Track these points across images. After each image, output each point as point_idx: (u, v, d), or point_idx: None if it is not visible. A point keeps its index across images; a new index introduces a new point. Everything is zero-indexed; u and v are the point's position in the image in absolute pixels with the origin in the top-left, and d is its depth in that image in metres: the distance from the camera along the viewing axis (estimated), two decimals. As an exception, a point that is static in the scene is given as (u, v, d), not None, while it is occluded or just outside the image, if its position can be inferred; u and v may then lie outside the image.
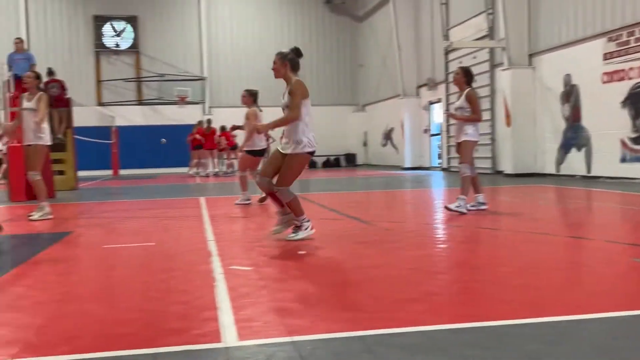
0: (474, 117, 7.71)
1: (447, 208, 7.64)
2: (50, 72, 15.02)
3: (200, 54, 28.31)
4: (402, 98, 23.38)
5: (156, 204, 10.69)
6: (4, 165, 19.11)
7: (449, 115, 7.99)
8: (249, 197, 9.75)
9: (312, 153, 5.68)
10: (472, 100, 7.66)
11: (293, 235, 5.70)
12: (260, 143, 9.79)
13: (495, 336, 2.78)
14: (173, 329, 3.01)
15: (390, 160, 25.85)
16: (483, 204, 7.86)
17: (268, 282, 4.01)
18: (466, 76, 7.83)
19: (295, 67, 5.71)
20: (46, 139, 8.46)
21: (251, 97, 9.99)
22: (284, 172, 5.59)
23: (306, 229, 5.75)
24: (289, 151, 5.58)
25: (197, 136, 21.86)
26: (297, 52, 5.76)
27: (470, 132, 7.73)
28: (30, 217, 8.21)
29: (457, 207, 7.51)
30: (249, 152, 9.74)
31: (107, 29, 27.48)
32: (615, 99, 12.52)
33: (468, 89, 7.74)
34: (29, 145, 8.43)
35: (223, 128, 21.76)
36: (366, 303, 3.41)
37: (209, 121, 22.53)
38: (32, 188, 8.68)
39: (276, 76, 5.76)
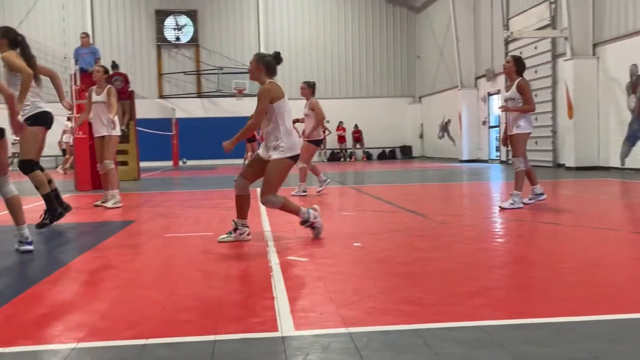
0: (527, 107, 7.47)
1: (501, 208, 7.40)
2: (115, 66, 15.47)
3: (257, 47, 28.57)
4: (459, 89, 23.03)
5: (215, 194, 10.90)
6: (71, 157, 19.85)
7: (504, 109, 7.70)
8: (305, 189, 9.83)
9: (294, 158, 5.35)
10: (524, 90, 7.40)
11: (225, 236, 5.43)
12: (320, 133, 9.99)
13: (555, 333, 2.73)
14: (231, 317, 3.08)
15: (446, 153, 25.53)
16: (541, 194, 7.64)
17: (324, 274, 4.04)
18: (517, 65, 7.56)
19: (270, 71, 5.45)
20: (117, 129, 8.87)
21: (310, 89, 10.06)
22: (268, 180, 5.29)
23: (241, 234, 5.44)
24: (272, 157, 5.27)
25: None
26: (276, 57, 5.52)
27: (522, 125, 7.50)
28: (104, 205, 8.63)
29: (512, 204, 7.33)
30: (312, 142, 9.85)
31: (168, 22, 28.09)
32: (686, 89, 11.99)
33: (519, 79, 7.49)
34: (102, 136, 8.80)
35: None
36: (423, 296, 3.40)
37: None
38: (102, 177, 9.05)
39: (250, 78, 5.58)
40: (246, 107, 27.19)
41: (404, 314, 3.06)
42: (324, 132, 23.45)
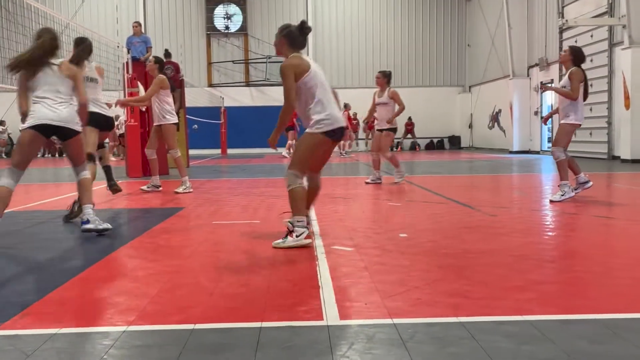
0: (567, 92, 7.20)
1: (552, 201, 7.23)
2: (167, 54, 15.75)
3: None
4: (511, 79, 22.57)
5: (262, 182, 10.99)
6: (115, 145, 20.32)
7: (542, 87, 7.50)
8: (380, 177, 10.16)
9: (329, 134, 4.71)
10: (572, 78, 7.16)
11: (280, 242, 4.68)
12: (395, 122, 10.23)
13: (606, 329, 2.65)
14: (277, 305, 3.10)
15: (496, 144, 25.09)
16: (586, 182, 7.43)
17: (369, 264, 4.03)
18: (572, 54, 7.31)
19: (294, 43, 4.90)
20: (170, 118, 9.21)
21: (385, 78, 10.26)
22: (293, 154, 4.86)
23: (298, 235, 4.62)
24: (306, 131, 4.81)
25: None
26: (301, 28, 4.93)
27: (571, 116, 7.28)
28: (176, 190, 9.03)
29: (562, 195, 7.15)
30: (390, 129, 10.07)
31: (218, 11, 28.37)
32: None
33: (573, 68, 7.25)
34: (159, 125, 9.21)
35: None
36: (470, 289, 3.35)
37: None
38: (149, 164, 9.42)
39: (277, 53, 5.04)
40: (294, 96, 27.33)
41: (450, 306, 3.03)
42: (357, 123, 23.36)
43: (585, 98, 7.33)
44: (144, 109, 12.89)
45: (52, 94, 5.16)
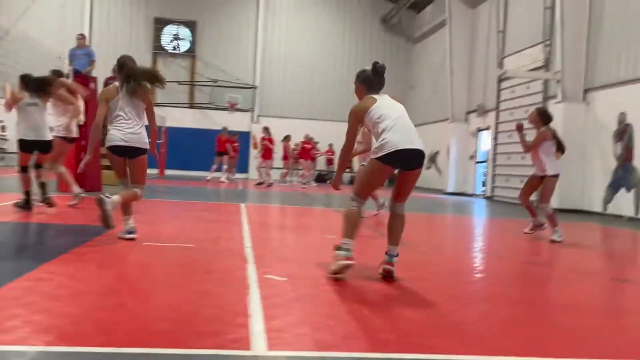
0: (525, 144, 8.43)
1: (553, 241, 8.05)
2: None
3: (253, 63, 28.72)
4: (450, 122, 23.22)
5: (198, 205, 10.83)
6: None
7: (518, 127, 8.51)
8: (383, 203, 10.09)
9: (382, 159, 4.60)
10: (537, 135, 8.32)
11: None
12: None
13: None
14: (205, 332, 3.04)
15: (432, 184, 25.65)
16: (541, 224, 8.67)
17: (301, 295, 4.02)
18: (540, 116, 8.52)
19: (371, 87, 4.97)
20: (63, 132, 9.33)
21: None
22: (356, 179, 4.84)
23: (338, 259, 4.60)
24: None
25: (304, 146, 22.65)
26: (374, 70, 5.01)
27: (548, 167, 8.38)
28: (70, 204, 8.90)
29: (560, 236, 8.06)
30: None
31: (167, 31, 28.17)
32: (672, 141, 12.18)
33: (543, 128, 8.40)
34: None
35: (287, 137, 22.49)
36: (400, 326, 3.38)
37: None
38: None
39: (358, 99, 5.07)
40: (238, 121, 27.29)
41: (379, 341, 3.04)
42: (314, 153, 23.54)
43: (561, 152, 8.66)
44: (81, 123, 12.56)
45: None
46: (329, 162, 28.22)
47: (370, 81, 4.98)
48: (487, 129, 21.31)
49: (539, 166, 8.44)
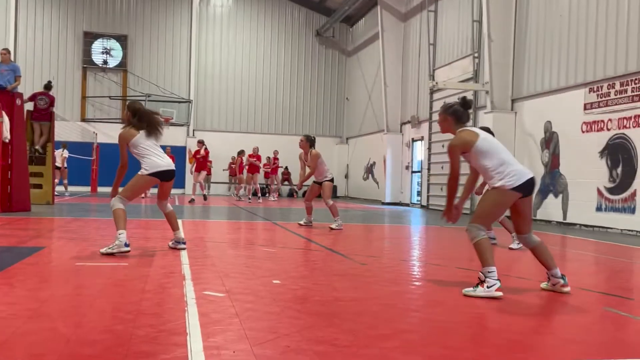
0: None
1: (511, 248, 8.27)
2: (48, 86, 15.14)
3: (187, 77, 28.41)
4: (385, 133, 23.59)
5: (132, 223, 10.57)
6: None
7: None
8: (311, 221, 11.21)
9: (517, 188, 4.84)
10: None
11: (470, 290, 4.82)
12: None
13: (465, 378, 2.77)
14: (140, 352, 2.96)
15: (370, 194, 25.95)
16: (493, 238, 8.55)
17: (240, 310, 3.97)
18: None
19: (460, 120, 5.10)
20: None
21: (308, 142, 11.59)
22: (477, 209, 5.04)
23: (489, 287, 4.71)
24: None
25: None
26: (464, 104, 5.14)
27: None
28: None
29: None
30: (329, 180, 11.56)
31: (96, 46, 27.51)
32: (594, 148, 12.76)
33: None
34: None
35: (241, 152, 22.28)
36: (338, 337, 3.39)
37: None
38: None
39: (442, 131, 5.29)
40: (172, 135, 26.85)
41: (318, 354, 3.03)
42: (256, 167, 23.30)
43: None
44: (7, 141, 12.11)
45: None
46: (267, 174, 28.14)
47: (460, 115, 5.14)
48: (421, 139, 21.77)
49: None
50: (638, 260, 8.09)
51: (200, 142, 20.16)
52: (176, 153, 22.56)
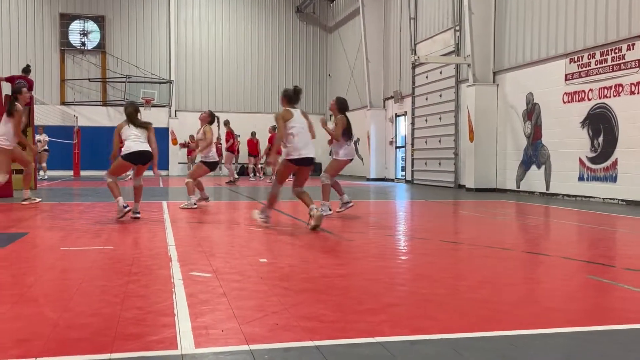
0: (332, 133, 9.37)
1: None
2: (26, 70, 14.91)
3: (167, 57, 28.08)
4: (368, 109, 23.56)
5: (116, 206, 10.50)
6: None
7: (322, 122, 9.93)
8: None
9: (293, 161, 7.37)
10: (337, 123, 9.30)
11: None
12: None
13: (452, 349, 2.81)
14: (129, 335, 2.96)
15: (355, 171, 25.97)
16: (348, 202, 9.28)
17: (228, 290, 3.98)
18: (338, 105, 9.41)
19: (290, 101, 7.63)
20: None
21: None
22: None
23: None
24: None
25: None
26: (294, 90, 7.71)
27: (340, 153, 9.38)
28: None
29: (322, 211, 8.26)
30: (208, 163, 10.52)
31: (73, 27, 27.07)
32: (575, 119, 12.85)
33: (339, 116, 9.24)
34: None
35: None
36: (326, 313, 3.41)
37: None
38: None
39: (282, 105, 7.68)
40: (154, 117, 26.61)
41: (306, 330, 3.06)
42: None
43: (348, 139, 9.44)
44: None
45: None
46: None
47: (290, 96, 7.60)
48: (404, 114, 21.77)
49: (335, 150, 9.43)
50: (620, 229, 8.21)
51: (227, 124, 20.35)
52: (158, 134, 22.40)
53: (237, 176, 20.30)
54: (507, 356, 2.73)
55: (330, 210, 8.96)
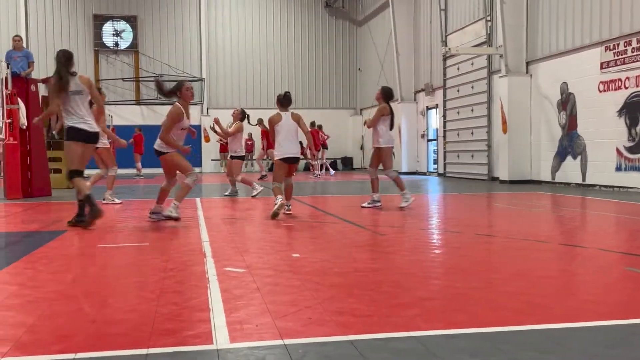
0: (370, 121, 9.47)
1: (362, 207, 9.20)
2: None
3: (199, 55, 28.33)
4: (399, 103, 23.40)
5: (150, 203, 10.65)
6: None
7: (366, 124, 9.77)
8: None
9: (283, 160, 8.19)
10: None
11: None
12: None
13: (488, 343, 2.78)
14: (165, 330, 3.01)
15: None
16: (378, 201, 9.39)
17: (261, 285, 4.01)
18: (383, 94, 9.40)
19: (281, 105, 8.43)
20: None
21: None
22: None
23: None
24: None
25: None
26: (283, 96, 8.44)
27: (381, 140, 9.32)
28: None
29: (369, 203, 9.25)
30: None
31: (107, 28, 27.50)
32: (612, 108, 12.57)
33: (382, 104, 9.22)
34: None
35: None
36: (359, 307, 3.41)
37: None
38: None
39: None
40: (186, 115, 26.91)
41: (340, 325, 3.06)
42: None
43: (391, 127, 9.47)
44: (24, 127, 12.21)
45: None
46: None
47: (280, 101, 8.41)
48: (436, 107, 21.59)
49: (375, 139, 9.40)
50: (659, 219, 8.01)
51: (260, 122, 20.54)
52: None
53: (265, 173, 20.49)
54: (545, 350, 2.69)
55: (411, 197, 9.39)
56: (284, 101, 8.39)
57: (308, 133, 8.64)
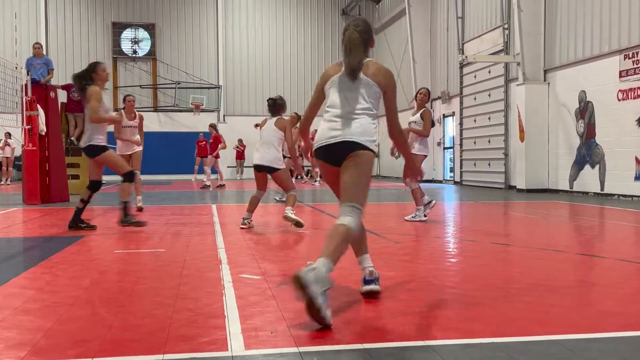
0: (420, 130, 8.89)
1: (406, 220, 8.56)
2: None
3: (216, 62, 28.53)
4: (416, 110, 23.35)
5: (167, 210, 10.73)
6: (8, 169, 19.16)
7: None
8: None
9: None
10: (425, 117, 8.95)
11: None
12: None
13: (504, 353, 2.76)
14: (181, 336, 3.02)
15: (402, 172, 25.80)
16: (430, 201, 8.70)
17: (277, 292, 4.01)
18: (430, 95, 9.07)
19: (269, 110, 8.03)
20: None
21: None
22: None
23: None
24: None
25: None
26: (273, 101, 8.01)
27: (417, 147, 8.79)
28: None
29: (413, 217, 8.52)
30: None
31: (125, 35, 27.81)
32: (631, 116, 12.45)
33: (425, 109, 8.96)
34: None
35: None
36: (374, 315, 3.40)
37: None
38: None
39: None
40: (202, 122, 27.08)
41: (354, 333, 3.06)
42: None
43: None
44: (43, 133, 12.36)
45: None
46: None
47: (269, 106, 8.00)
48: (452, 115, 21.52)
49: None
50: (679, 229, 7.91)
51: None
52: (208, 139, 22.74)
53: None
54: (561, 361, 2.66)
55: (423, 216, 8.48)
56: (271, 107, 7.94)
57: (290, 142, 7.75)
